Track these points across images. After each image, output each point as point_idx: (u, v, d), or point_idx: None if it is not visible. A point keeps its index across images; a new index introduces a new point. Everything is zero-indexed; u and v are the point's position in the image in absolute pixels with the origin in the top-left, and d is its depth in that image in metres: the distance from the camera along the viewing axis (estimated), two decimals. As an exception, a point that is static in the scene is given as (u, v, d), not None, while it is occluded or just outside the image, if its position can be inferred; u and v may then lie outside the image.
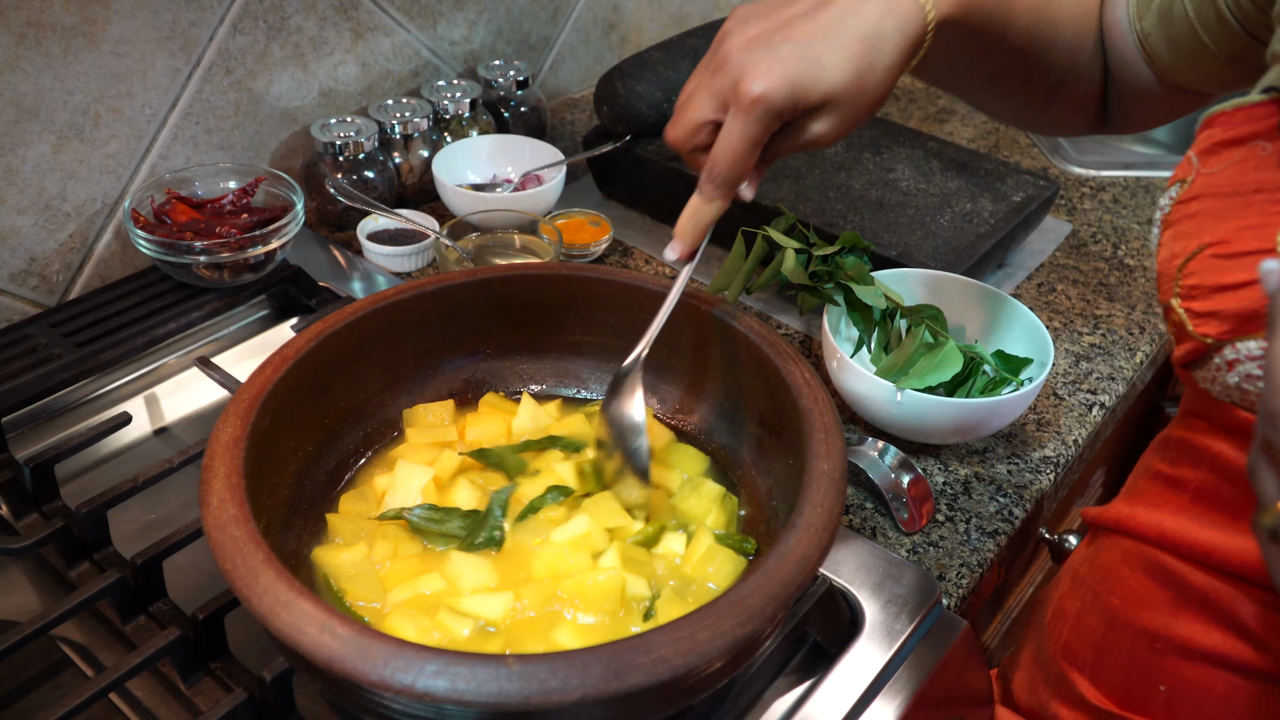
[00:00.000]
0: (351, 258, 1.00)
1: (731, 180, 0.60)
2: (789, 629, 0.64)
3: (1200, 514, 0.60)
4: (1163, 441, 0.66)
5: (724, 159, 0.59)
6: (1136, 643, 0.64)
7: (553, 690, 0.45)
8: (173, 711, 0.61)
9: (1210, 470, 0.60)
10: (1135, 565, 0.65)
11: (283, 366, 0.62)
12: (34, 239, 0.89)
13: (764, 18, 0.60)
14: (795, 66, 0.57)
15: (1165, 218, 0.58)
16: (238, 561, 0.50)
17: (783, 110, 0.58)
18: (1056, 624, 0.71)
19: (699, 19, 1.50)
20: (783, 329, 0.97)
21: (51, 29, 0.84)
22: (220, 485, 0.53)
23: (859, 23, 0.58)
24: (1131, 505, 0.66)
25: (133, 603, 0.65)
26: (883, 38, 0.58)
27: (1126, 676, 0.65)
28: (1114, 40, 0.70)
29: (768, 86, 0.57)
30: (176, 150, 0.97)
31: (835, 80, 0.57)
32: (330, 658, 0.46)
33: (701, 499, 0.66)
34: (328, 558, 0.60)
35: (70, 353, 0.83)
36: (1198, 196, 0.55)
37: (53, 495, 0.72)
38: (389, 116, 1.06)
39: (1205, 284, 0.53)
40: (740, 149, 0.59)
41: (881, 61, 0.58)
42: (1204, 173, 0.55)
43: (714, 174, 0.60)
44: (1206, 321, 0.54)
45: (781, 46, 0.57)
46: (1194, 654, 0.61)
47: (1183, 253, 0.55)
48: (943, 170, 1.10)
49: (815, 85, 0.57)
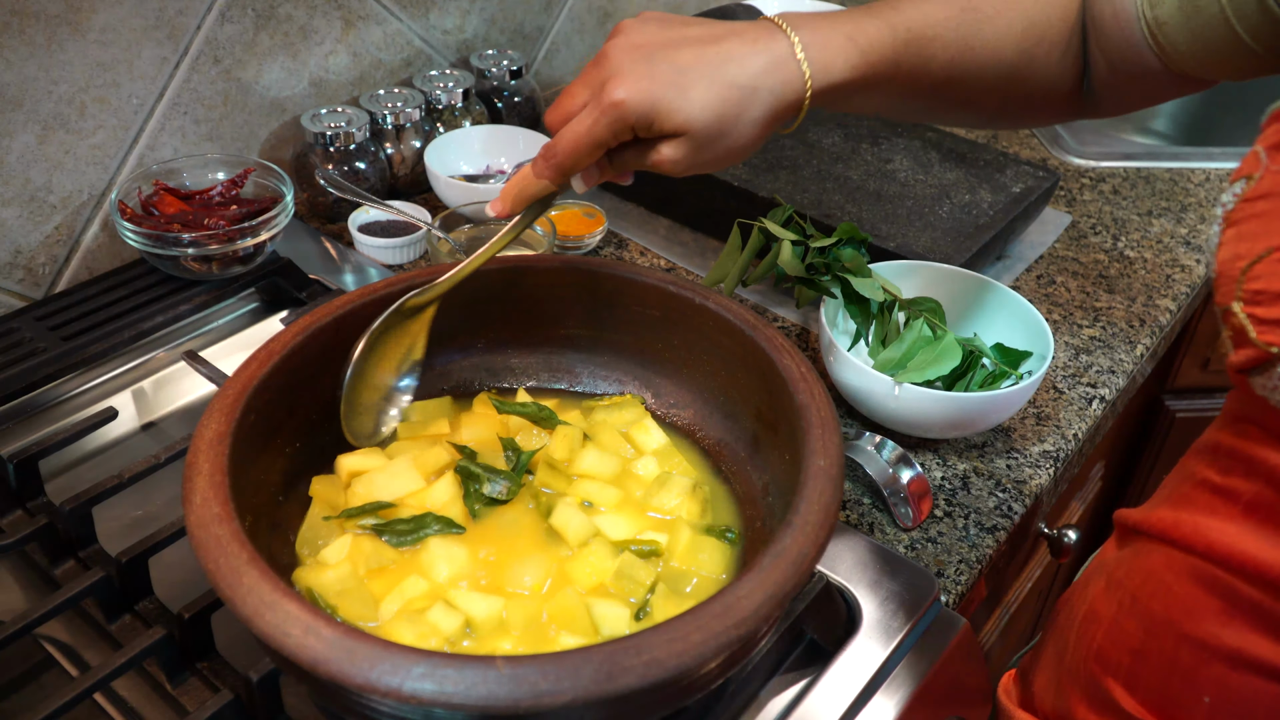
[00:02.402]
0: (342, 250, 0.99)
1: (565, 166, 0.61)
2: (785, 627, 0.63)
3: (1254, 527, 0.58)
4: (1211, 447, 0.63)
5: (564, 144, 0.60)
6: (1179, 650, 0.62)
7: (543, 692, 0.44)
8: (159, 712, 0.60)
9: (1267, 484, 0.57)
10: (1180, 572, 0.62)
11: (269, 361, 0.60)
12: (19, 231, 0.88)
13: (659, 29, 0.60)
14: (662, 88, 0.57)
15: (1228, 214, 0.55)
16: (221, 561, 0.49)
17: (635, 124, 0.58)
18: (1089, 627, 0.68)
19: (694, 8, 1.49)
20: (779, 322, 0.96)
21: (35, 17, 0.82)
22: (204, 483, 0.52)
23: (739, 70, 0.59)
24: (1176, 513, 0.63)
25: (118, 601, 0.64)
26: (756, 92, 0.59)
27: (1166, 685, 0.63)
28: (1118, 29, 0.67)
29: (628, 95, 0.57)
30: (164, 141, 0.95)
31: (695, 115, 0.58)
32: (315, 660, 0.45)
33: (671, 493, 0.65)
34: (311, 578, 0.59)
35: (56, 346, 0.82)
36: (1267, 194, 0.52)
37: (37, 491, 0.71)
38: (380, 107, 1.05)
39: (1272, 289, 0.51)
40: (582, 142, 0.59)
41: (748, 114, 0.59)
42: (1273, 169, 0.52)
43: (550, 154, 0.61)
44: (1272, 329, 0.51)
45: (659, 64, 0.58)
46: (1243, 664, 0.59)
47: (1248, 254, 0.52)
48: (941, 161, 1.09)
49: (674, 113, 0.58)
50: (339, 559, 0.59)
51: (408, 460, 0.65)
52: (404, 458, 0.65)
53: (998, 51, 0.67)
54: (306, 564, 0.60)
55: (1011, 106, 0.72)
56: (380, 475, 0.64)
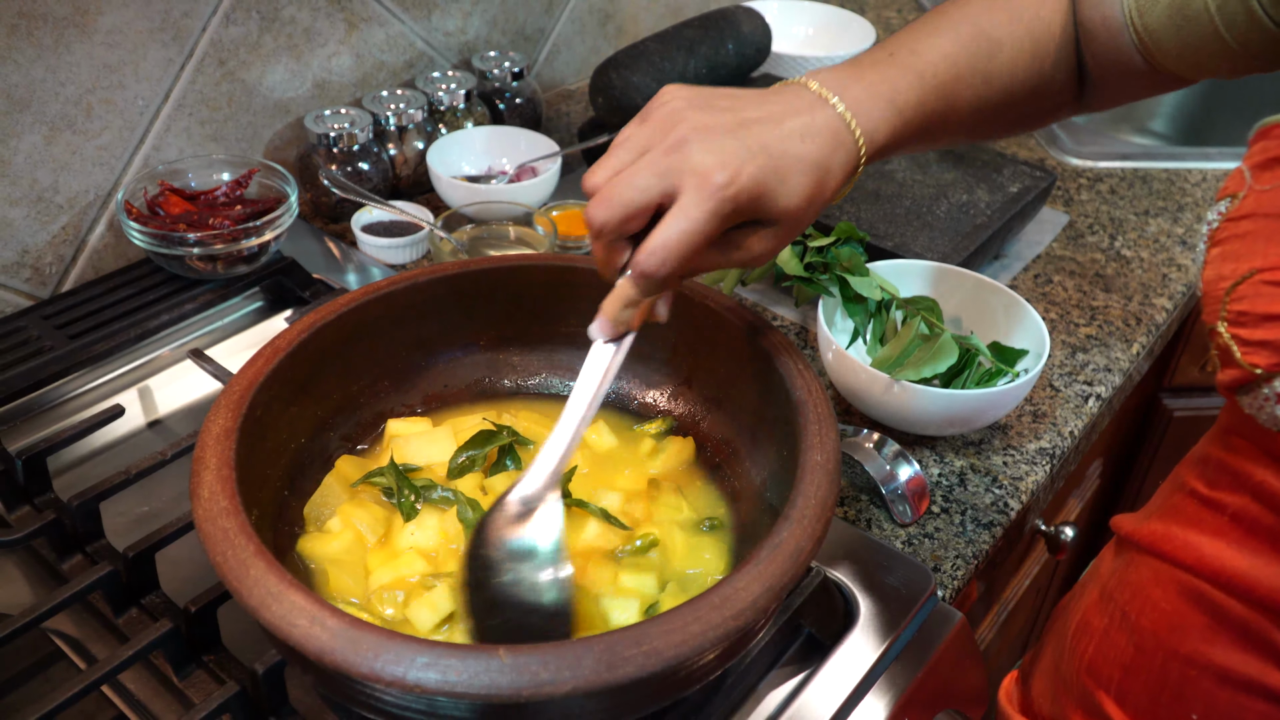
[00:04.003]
0: (346, 250, 1.00)
1: (674, 275, 0.53)
2: (783, 621, 0.64)
3: (1238, 540, 0.58)
4: (1202, 459, 0.63)
5: (673, 248, 0.52)
6: (1168, 666, 0.62)
7: (544, 682, 0.45)
8: (165, 704, 0.61)
9: (1253, 498, 0.57)
10: (1168, 586, 0.62)
11: (274, 358, 0.61)
12: (26, 231, 0.89)
13: (718, 110, 0.55)
14: (765, 172, 0.53)
15: (1213, 234, 0.55)
16: (228, 554, 0.49)
17: (743, 209, 0.53)
18: (1081, 638, 0.69)
19: (695, 9, 1.49)
20: (778, 320, 0.96)
21: (43, 19, 0.83)
22: (211, 477, 0.53)
23: (814, 150, 0.56)
24: (1166, 525, 0.64)
25: (125, 595, 0.65)
26: (830, 171, 0.56)
27: (1155, 701, 0.63)
28: (1107, 35, 0.68)
29: (735, 178, 0.52)
30: (169, 142, 0.96)
31: (793, 201, 0.55)
32: (321, 650, 0.46)
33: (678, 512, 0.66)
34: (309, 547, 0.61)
35: (63, 345, 0.83)
36: (1250, 215, 0.52)
37: (45, 488, 0.72)
38: (383, 108, 1.06)
39: (1255, 311, 0.51)
40: (691, 238, 0.52)
41: (824, 194, 0.57)
42: (1257, 189, 0.52)
43: (653, 267, 0.52)
44: (1256, 351, 0.51)
45: (751, 144, 0.53)
46: (1230, 681, 0.59)
47: (1232, 275, 0.52)
48: (939, 161, 1.10)
49: (778, 198, 0.54)
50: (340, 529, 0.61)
51: (448, 429, 0.68)
52: (445, 426, 0.68)
53: (1013, 77, 0.66)
54: (309, 534, 0.62)
55: (1024, 122, 0.72)
56: (417, 439, 0.66)
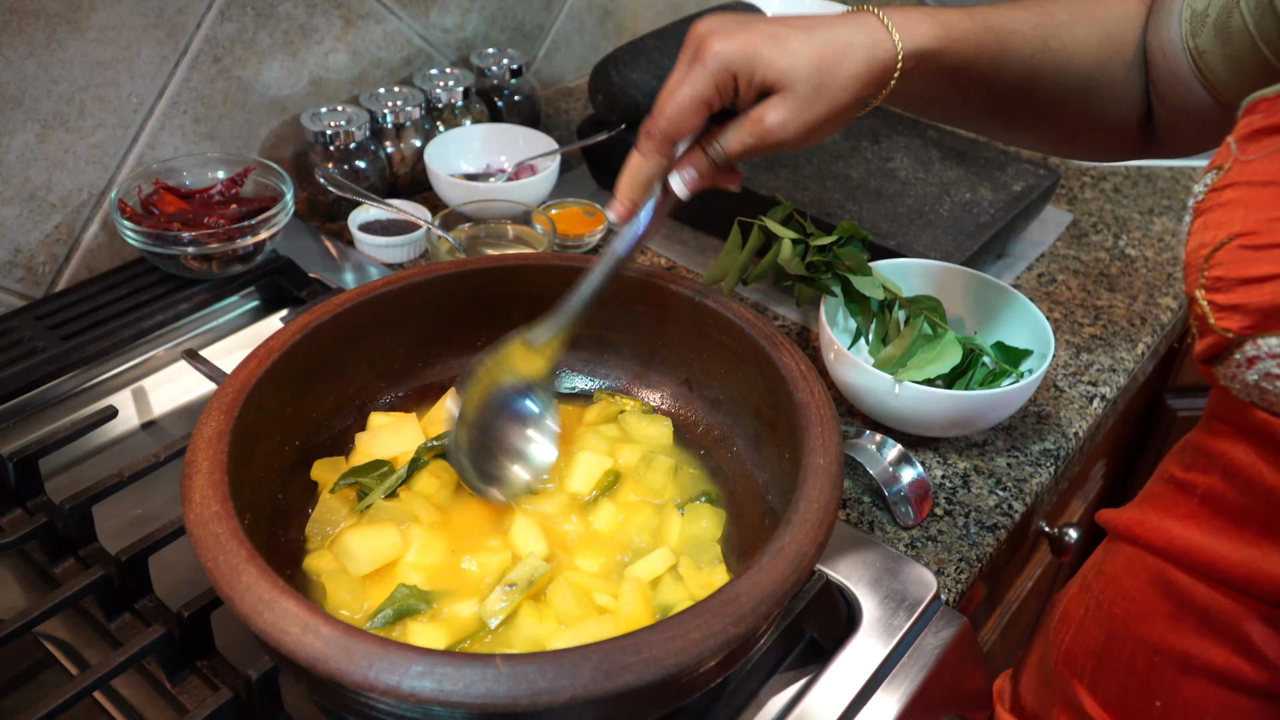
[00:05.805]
0: (342, 249, 0.99)
1: (670, 132, 0.59)
2: (785, 625, 0.63)
3: (1205, 520, 0.58)
4: (1182, 445, 0.64)
5: (666, 108, 0.59)
6: (1136, 655, 0.63)
7: (542, 691, 0.44)
8: (158, 710, 0.60)
9: (1221, 475, 0.58)
10: (1140, 575, 0.63)
11: (268, 359, 0.60)
12: (19, 230, 0.88)
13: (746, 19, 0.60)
14: (759, 39, 0.58)
15: (1198, 205, 0.55)
16: (220, 559, 0.49)
17: (737, 70, 0.58)
18: (1061, 630, 0.69)
19: (695, 6, 1.48)
20: (779, 320, 0.96)
21: (35, 16, 0.82)
22: (203, 481, 0.52)
23: (830, 31, 0.59)
24: (1143, 511, 0.64)
25: (118, 600, 0.64)
26: (850, 45, 0.59)
27: (1124, 689, 0.64)
28: (1165, 61, 0.67)
29: (726, 46, 0.57)
30: (164, 140, 0.95)
31: (795, 63, 0.58)
32: (314, 658, 0.45)
33: (657, 474, 0.66)
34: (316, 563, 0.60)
35: (56, 345, 0.82)
36: (1232, 184, 0.53)
37: (37, 490, 0.71)
38: (380, 105, 1.05)
39: (1231, 276, 0.51)
40: (684, 99, 0.58)
41: (844, 68, 0.59)
42: (1241, 160, 0.52)
43: (653, 125, 0.60)
44: (1229, 315, 0.51)
45: (755, 25, 0.59)
46: (1192, 669, 0.60)
47: (1211, 242, 0.53)
48: (942, 159, 1.09)
49: (774, 60, 0.57)
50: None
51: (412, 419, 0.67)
52: (411, 417, 0.67)
53: (1076, 57, 0.67)
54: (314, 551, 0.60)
55: (1085, 129, 0.72)
56: (384, 433, 0.65)
